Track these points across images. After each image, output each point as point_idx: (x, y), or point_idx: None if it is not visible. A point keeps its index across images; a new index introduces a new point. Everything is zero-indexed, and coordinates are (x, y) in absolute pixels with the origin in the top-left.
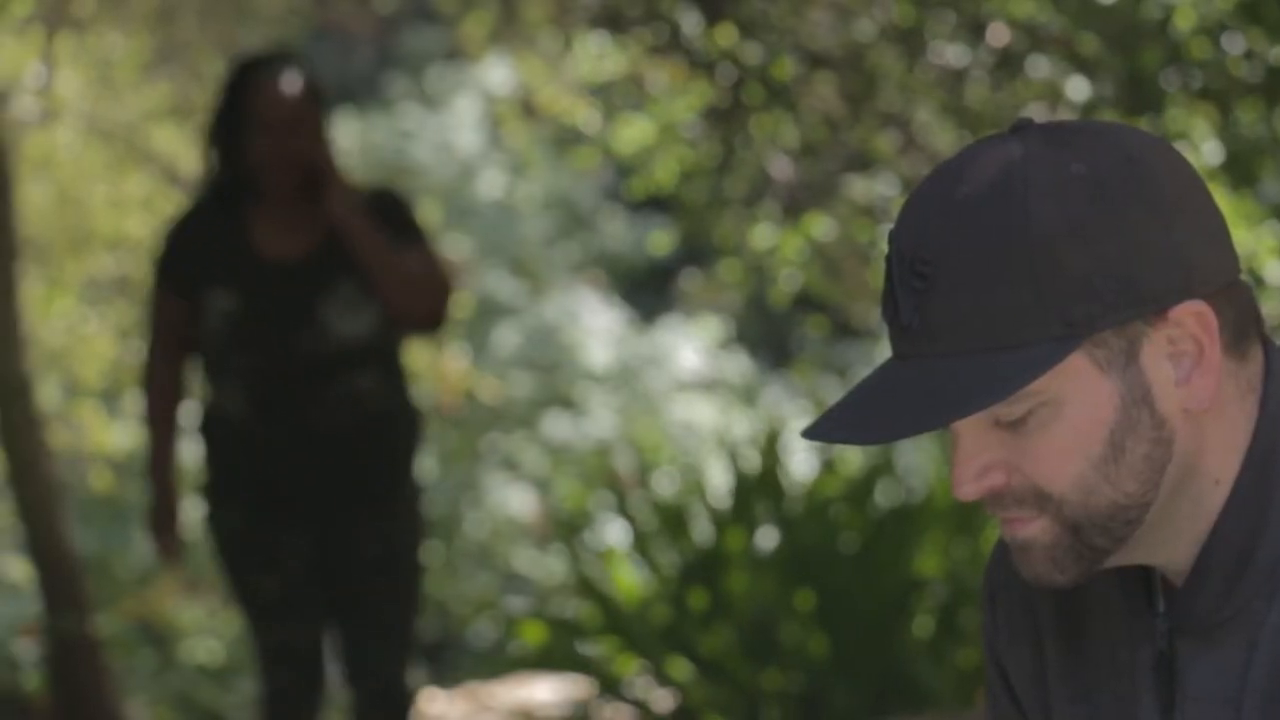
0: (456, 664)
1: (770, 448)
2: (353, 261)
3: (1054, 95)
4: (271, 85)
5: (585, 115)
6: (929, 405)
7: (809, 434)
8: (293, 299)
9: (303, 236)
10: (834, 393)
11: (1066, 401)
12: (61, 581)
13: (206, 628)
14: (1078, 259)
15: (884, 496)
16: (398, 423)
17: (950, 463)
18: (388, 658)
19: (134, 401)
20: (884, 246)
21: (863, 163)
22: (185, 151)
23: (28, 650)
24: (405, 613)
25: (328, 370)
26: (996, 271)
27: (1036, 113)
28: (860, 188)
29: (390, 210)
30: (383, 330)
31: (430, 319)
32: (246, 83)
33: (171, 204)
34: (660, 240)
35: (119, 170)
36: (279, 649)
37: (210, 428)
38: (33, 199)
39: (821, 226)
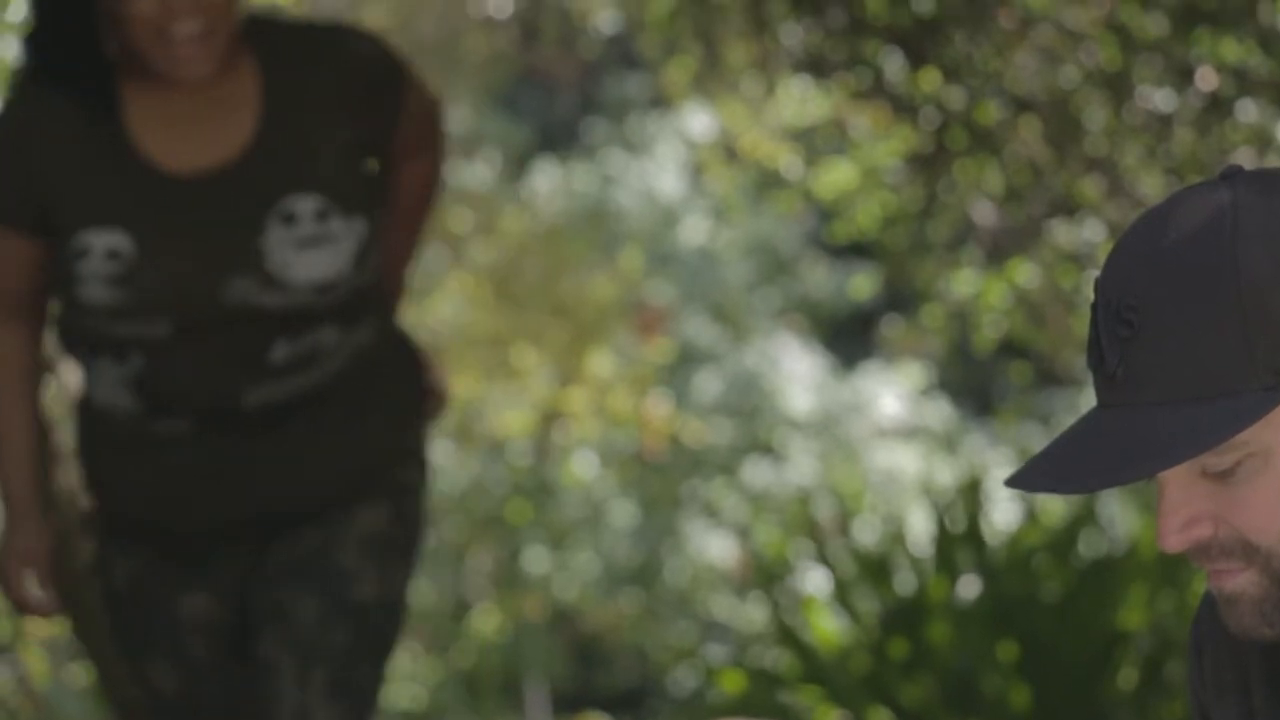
0: (656, 711)
1: (972, 496)
2: (301, 164)
3: (1263, 140)
4: None
5: (787, 160)
6: (1134, 455)
7: (1012, 483)
8: (210, 231)
9: (217, 134)
10: (1037, 441)
11: (1276, 452)
12: None
13: (409, 673)
14: None
15: (1087, 547)
16: (376, 387)
17: (1155, 513)
18: (320, 706)
19: None
20: (1089, 293)
21: (1067, 208)
22: None
23: None
24: (358, 648)
25: (270, 331)
26: (1204, 319)
27: (1245, 158)
28: (1065, 233)
29: (366, 83)
30: (357, 264)
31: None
32: None
33: None
34: (862, 285)
35: None
36: None
37: (88, 435)
38: None
39: (1025, 272)
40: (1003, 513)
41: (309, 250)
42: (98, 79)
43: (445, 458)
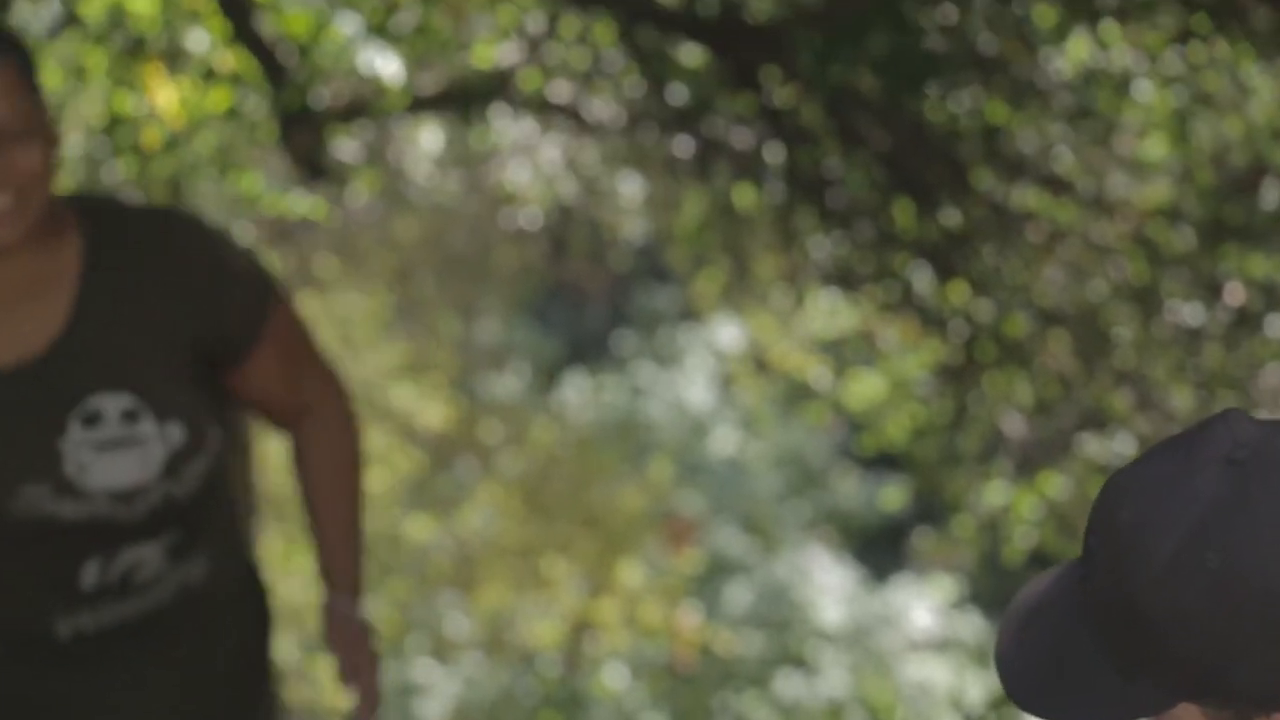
0: None
1: (1005, 711)
2: (113, 359)
3: None
4: None
5: (816, 372)
6: (1089, 702)
7: (997, 647)
8: (3, 433)
9: (25, 324)
10: None
11: None
12: None
13: None
14: (1179, 645)
15: None
16: (209, 637)
17: None
18: None
19: None
20: None
21: (1097, 421)
22: (422, 408)
23: None
24: None
25: (79, 549)
26: (1118, 612)
27: (1274, 373)
28: (1095, 446)
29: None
30: (167, 473)
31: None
32: None
33: (408, 460)
34: (892, 497)
35: None
36: None
37: None
38: (272, 456)
39: (1056, 484)
40: None
41: (110, 453)
42: None
43: (475, 668)
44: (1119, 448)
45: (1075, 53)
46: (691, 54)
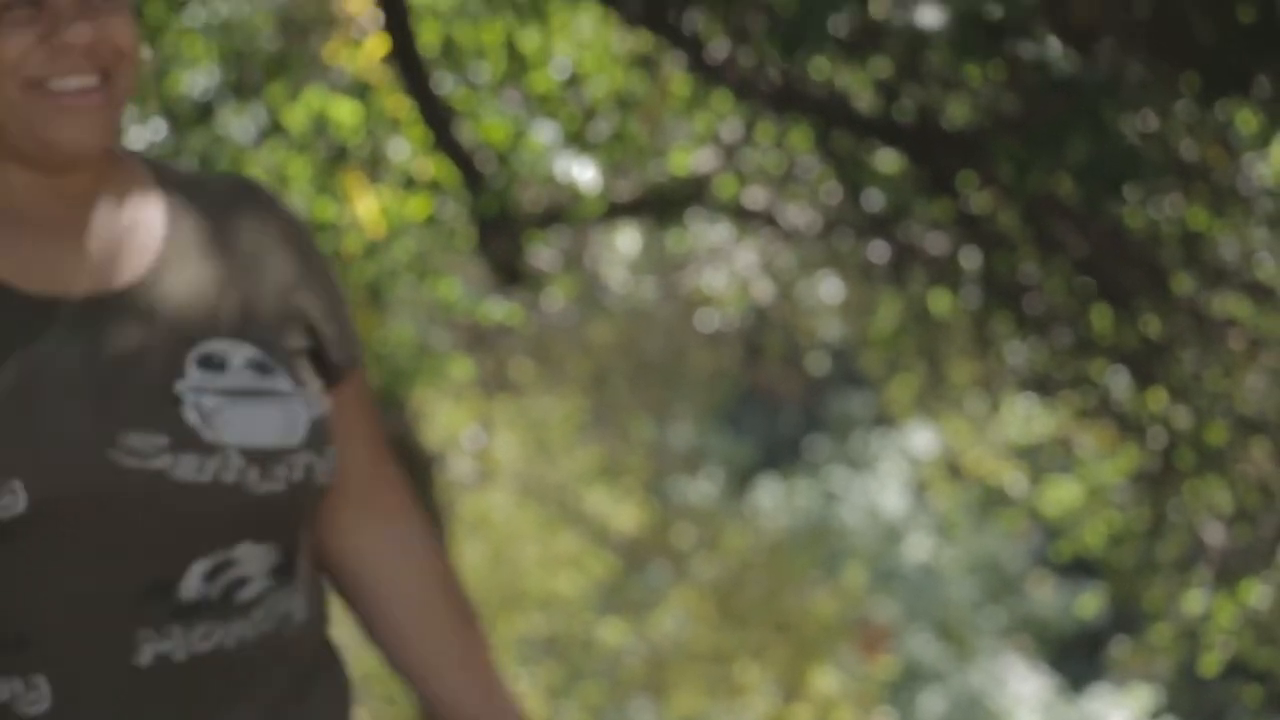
0: None
1: None
2: (225, 305)
3: None
4: None
5: (1012, 478)
6: None
7: None
8: (102, 368)
9: (102, 255)
10: None
11: None
12: None
13: None
14: None
15: None
16: (310, 687)
17: None
18: None
19: None
20: None
21: None
22: (616, 512)
23: None
24: None
25: (183, 541)
26: None
27: None
28: None
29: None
30: (311, 440)
31: None
32: None
33: (601, 564)
34: (1089, 604)
35: (550, 530)
36: None
37: None
38: (467, 558)
39: (1257, 593)
40: None
41: (244, 402)
42: None
43: None
44: None
45: (1277, 158)
46: (888, 159)
